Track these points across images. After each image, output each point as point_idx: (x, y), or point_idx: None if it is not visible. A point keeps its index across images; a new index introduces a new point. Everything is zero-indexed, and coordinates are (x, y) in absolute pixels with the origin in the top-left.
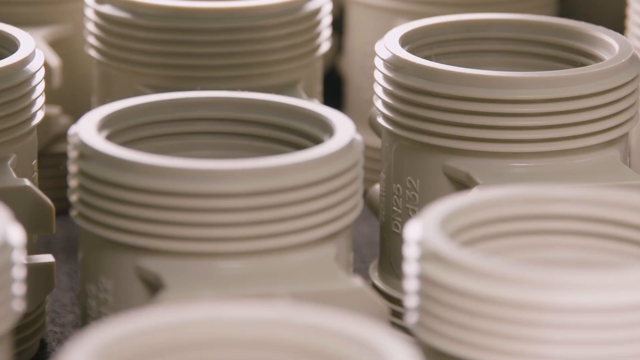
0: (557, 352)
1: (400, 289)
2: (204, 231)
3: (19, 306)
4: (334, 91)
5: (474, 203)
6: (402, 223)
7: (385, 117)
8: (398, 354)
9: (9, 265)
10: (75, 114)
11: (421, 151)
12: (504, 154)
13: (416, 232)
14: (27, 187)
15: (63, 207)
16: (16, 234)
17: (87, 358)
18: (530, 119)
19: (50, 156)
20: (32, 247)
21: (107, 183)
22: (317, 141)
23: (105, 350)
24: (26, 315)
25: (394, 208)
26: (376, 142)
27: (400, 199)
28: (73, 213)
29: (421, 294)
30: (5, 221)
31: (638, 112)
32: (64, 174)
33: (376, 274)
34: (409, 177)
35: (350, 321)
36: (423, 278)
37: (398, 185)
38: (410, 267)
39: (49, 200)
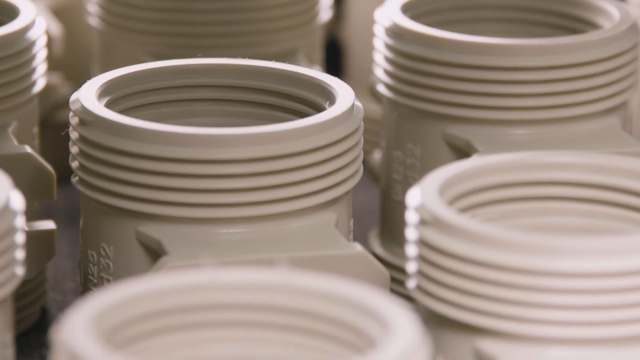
0: (556, 317)
1: (401, 257)
2: (204, 197)
3: (19, 271)
4: (335, 60)
5: (473, 169)
6: (403, 191)
7: (386, 85)
8: (398, 318)
9: (10, 230)
10: (77, 83)
11: (422, 119)
12: (504, 122)
13: (416, 198)
14: (28, 153)
15: (65, 177)
16: (17, 200)
17: (88, 323)
18: (530, 86)
19: (52, 126)
20: (33, 215)
21: (108, 149)
22: (317, 108)
23: (106, 315)
24: (27, 282)
25: (394, 176)
26: (375, 112)
27: (401, 167)
28: (74, 179)
29: (421, 259)
30: (6, 187)
31: (638, 80)
32: (65, 144)
33: (376, 242)
34: (409, 145)
35: (351, 286)
36: (423, 243)
37: (398, 153)
38: (411, 232)
39: (49, 167)
